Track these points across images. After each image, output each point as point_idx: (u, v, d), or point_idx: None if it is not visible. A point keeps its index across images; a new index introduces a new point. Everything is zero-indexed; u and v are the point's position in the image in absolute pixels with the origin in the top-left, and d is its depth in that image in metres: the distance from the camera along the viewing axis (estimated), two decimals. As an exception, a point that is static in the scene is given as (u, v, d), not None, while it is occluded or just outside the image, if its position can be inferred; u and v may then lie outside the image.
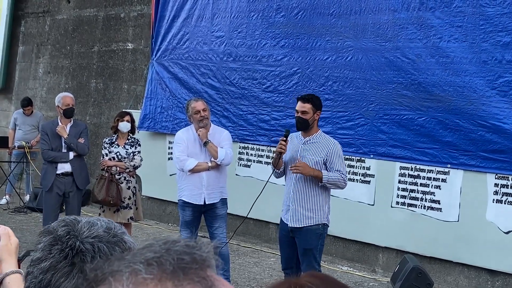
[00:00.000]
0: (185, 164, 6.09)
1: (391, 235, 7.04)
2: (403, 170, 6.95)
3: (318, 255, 5.32)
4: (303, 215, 5.29)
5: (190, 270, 0.70)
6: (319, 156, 5.27)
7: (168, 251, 0.72)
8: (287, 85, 7.94)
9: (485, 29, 6.33)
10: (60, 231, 1.33)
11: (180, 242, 0.74)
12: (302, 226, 5.29)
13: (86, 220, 1.37)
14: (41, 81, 12.03)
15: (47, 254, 1.31)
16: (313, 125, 5.38)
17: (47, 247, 1.32)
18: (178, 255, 0.72)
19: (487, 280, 6.44)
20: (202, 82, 8.88)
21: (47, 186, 6.99)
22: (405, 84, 6.90)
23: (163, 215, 9.59)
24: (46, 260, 1.30)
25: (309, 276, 1.04)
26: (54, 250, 1.31)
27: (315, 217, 5.28)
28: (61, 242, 1.31)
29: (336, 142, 5.42)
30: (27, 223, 8.99)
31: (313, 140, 5.36)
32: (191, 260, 0.71)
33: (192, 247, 0.73)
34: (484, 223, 6.31)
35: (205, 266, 0.72)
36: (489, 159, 6.30)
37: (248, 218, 7.43)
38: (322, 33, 7.63)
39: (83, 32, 11.16)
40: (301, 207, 5.29)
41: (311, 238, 5.28)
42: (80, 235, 1.32)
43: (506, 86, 6.21)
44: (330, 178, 5.21)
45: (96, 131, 10.63)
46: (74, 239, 1.31)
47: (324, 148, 5.30)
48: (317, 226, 5.28)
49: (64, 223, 1.35)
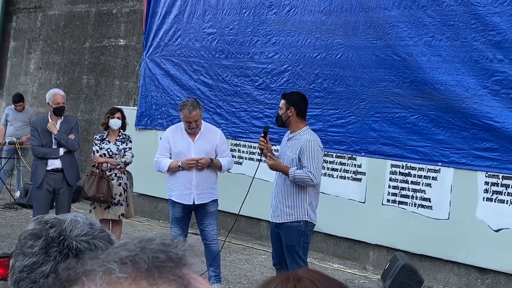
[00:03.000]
0: (160, 165, 6.11)
1: (382, 233, 7.05)
2: (394, 168, 6.97)
3: (301, 252, 5.30)
4: (282, 211, 5.32)
5: (166, 269, 0.69)
6: (294, 153, 5.28)
7: (143, 249, 0.71)
8: (278, 83, 7.94)
9: (476, 28, 6.35)
10: (51, 233, 1.31)
11: (155, 241, 0.73)
12: (282, 222, 5.32)
13: (69, 218, 1.35)
14: (32, 77, 11.98)
15: (44, 257, 1.28)
16: (289, 121, 5.37)
17: (41, 250, 1.29)
18: (153, 253, 0.70)
19: (477, 278, 6.46)
20: (195, 79, 8.86)
21: (37, 183, 6.96)
22: (396, 82, 6.91)
23: (155, 212, 9.57)
24: (45, 263, 1.28)
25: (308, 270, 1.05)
26: (52, 252, 1.28)
27: (294, 213, 5.28)
28: (56, 243, 1.29)
29: (311, 139, 5.25)
30: (17, 219, 8.96)
31: (295, 137, 5.37)
32: (166, 258, 0.70)
33: (168, 245, 0.72)
34: (474, 221, 6.33)
35: (181, 265, 0.71)
36: (480, 157, 6.32)
37: (240, 215, 7.44)
38: (312, 31, 7.63)
39: (75, 28, 11.12)
40: (281, 203, 5.33)
41: (292, 235, 5.29)
42: (71, 234, 1.31)
43: (497, 85, 6.23)
44: (296, 175, 5.20)
45: (88, 128, 10.60)
46: (68, 239, 1.30)
47: (299, 144, 5.28)
48: (298, 223, 5.27)
49: (50, 224, 1.33)
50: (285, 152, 5.37)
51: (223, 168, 6.15)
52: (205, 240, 6.17)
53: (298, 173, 5.18)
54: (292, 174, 5.19)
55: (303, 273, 1.00)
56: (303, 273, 1.00)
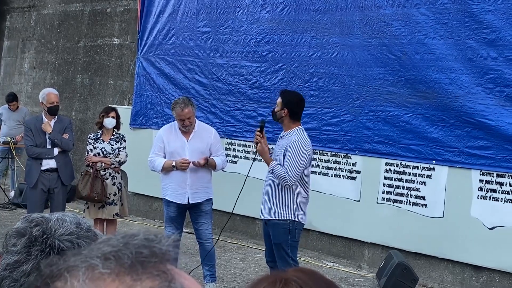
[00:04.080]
0: (154, 165, 6.11)
1: (376, 231, 7.06)
2: (388, 166, 6.97)
3: (289, 250, 5.30)
4: (269, 208, 5.34)
5: (149, 264, 0.69)
6: (280, 152, 5.29)
7: (126, 245, 0.70)
8: (272, 81, 7.93)
9: (470, 26, 6.35)
10: (35, 232, 1.30)
11: (138, 236, 0.72)
12: (268, 218, 5.35)
13: (55, 217, 1.35)
14: (26, 76, 11.94)
15: (26, 256, 1.28)
16: (282, 121, 5.37)
17: (24, 249, 1.29)
18: (137, 248, 0.70)
19: (472, 276, 6.47)
20: (189, 78, 8.85)
21: (31, 183, 6.94)
22: (391, 80, 6.91)
23: (149, 211, 9.56)
24: (27, 262, 1.27)
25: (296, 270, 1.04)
26: (33, 251, 1.28)
27: (280, 212, 5.29)
28: (39, 242, 1.29)
29: (297, 141, 5.21)
30: (12, 219, 8.93)
31: (285, 136, 5.39)
32: (150, 253, 0.70)
33: (151, 240, 0.71)
34: (469, 219, 6.34)
35: (165, 260, 0.70)
36: (474, 156, 6.33)
37: (235, 214, 7.43)
38: (307, 29, 7.63)
39: (69, 27, 11.09)
40: (269, 200, 5.35)
41: (278, 233, 5.31)
42: (55, 233, 1.30)
43: (491, 83, 6.24)
44: (274, 169, 5.21)
45: (82, 127, 10.57)
46: (51, 238, 1.29)
47: (285, 144, 5.28)
48: (285, 221, 5.28)
49: (35, 222, 1.33)
50: (276, 150, 5.42)
51: (217, 167, 6.15)
52: (200, 239, 6.17)
53: (277, 168, 5.20)
54: (271, 167, 5.23)
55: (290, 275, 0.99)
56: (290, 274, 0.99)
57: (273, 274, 0.99)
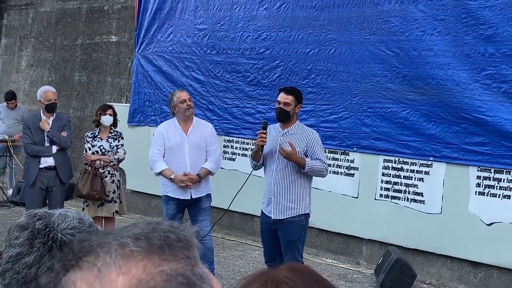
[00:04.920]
0: (155, 166, 6.13)
1: (374, 228, 7.07)
2: (386, 163, 6.98)
3: (301, 246, 5.34)
4: (285, 207, 5.30)
5: (176, 248, 0.72)
6: (299, 147, 5.28)
7: (154, 229, 0.74)
8: (270, 78, 7.93)
9: (467, 22, 6.35)
10: (38, 225, 1.31)
11: (164, 223, 0.76)
12: (285, 217, 5.31)
13: (58, 212, 1.36)
14: (24, 74, 11.93)
15: (28, 248, 1.29)
16: (293, 117, 5.41)
17: (26, 241, 1.30)
18: (164, 232, 0.73)
19: (470, 272, 6.49)
20: (187, 75, 8.85)
21: (30, 181, 6.93)
22: (389, 77, 6.92)
23: (148, 209, 9.56)
24: (29, 254, 1.28)
25: (287, 269, 1.03)
26: (36, 243, 1.29)
27: (297, 208, 5.30)
28: (41, 235, 1.30)
29: (315, 132, 5.47)
30: (10, 217, 8.93)
31: (292, 131, 5.38)
32: (176, 238, 0.73)
33: (176, 227, 0.75)
34: (466, 215, 6.35)
35: (189, 246, 0.74)
36: (471, 152, 6.33)
37: (233, 211, 7.44)
38: (304, 26, 7.63)
39: (66, 24, 11.08)
40: (284, 198, 5.31)
41: (294, 230, 5.30)
42: (58, 227, 1.31)
43: (488, 79, 6.24)
44: (313, 166, 5.24)
45: (80, 125, 10.57)
46: (54, 231, 1.30)
47: (304, 138, 5.32)
48: (300, 217, 5.31)
49: (38, 216, 1.34)
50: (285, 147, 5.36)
51: (212, 171, 6.17)
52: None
53: (315, 164, 5.23)
54: (310, 165, 5.22)
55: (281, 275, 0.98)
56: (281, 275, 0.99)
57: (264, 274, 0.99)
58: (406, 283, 6.25)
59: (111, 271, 0.69)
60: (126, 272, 0.69)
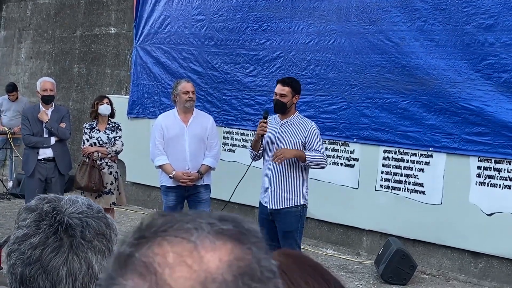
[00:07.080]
0: (155, 158, 6.13)
1: (375, 218, 7.05)
2: (386, 153, 6.95)
3: (298, 237, 5.33)
4: (283, 197, 5.31)
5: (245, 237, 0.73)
6: (297, 138, 5.28)
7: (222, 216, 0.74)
8: (270, 69, 7.90)
9: (468, 12, 6.31)
10: (46, 207, 1.33)
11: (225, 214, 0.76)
12: (282, 207, 5.31)
13: (68, 197, 1.38)
14: (23, 66, 11.90)
15: (34, 229, 1.30)
16: (290, 108, 5.39)
17: (33, 223, 1.31)
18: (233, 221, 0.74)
19: (470, 262, 6.48)
20: (184, 66, 8.81)
21: (28, 172, 6.93)
22: (388, 67, 6.88)
23: (148, 201, 9.55)
24: (35, 235, 1.29)
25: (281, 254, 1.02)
26: (42, 225, 1.30)
27: (294, 198, 5.30)
28: (48, 217, 1.31)
29: (313, 123, 5.46)
30: (10, 210, 8.92)
31: (290, 122, 5.37)
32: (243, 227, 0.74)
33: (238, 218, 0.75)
34: (467, 205, 6.34)
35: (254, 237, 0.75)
36: (472, 142, 6.31)
37: (233, 202, 7.42)
38: (304, 17, 7.58)
39: (65, 16, 11.04)
40: (281, 189, 5.31)
41: (291, 221, 5.30)
42: (66, 211, 1.33)
43: (489, 68, 6.21)
44: (312, 158, 5.23)
45: (80, 117, 10.55)
46: (61, 214, 1.32)
47: (302, 129, 5.32)
48: (297, 208, 5.31)
49: (47, 200, 1.36)
50: (283, 138, 5.34)
51: (212, 167, 6.17)
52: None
53: (314, 155, 5.24)
54: (309, 157, 5.22)
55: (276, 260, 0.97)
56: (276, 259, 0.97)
57: None
58: (407, 273, 6.24)
59: (207, 246, 0.69)
60: (219, 248, 0.69)
